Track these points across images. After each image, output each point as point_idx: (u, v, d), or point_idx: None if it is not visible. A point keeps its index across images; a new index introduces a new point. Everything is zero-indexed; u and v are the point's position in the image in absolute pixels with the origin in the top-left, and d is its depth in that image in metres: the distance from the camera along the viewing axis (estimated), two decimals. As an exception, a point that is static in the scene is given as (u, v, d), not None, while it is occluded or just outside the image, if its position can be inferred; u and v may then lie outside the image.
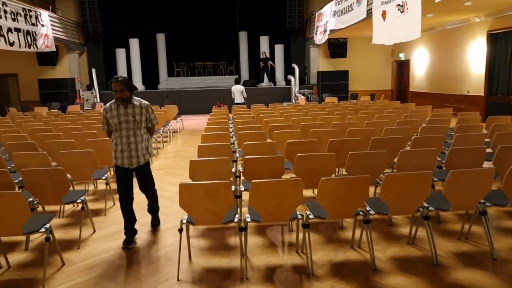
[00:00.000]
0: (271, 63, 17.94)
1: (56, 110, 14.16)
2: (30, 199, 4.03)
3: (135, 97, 4.00)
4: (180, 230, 3.42)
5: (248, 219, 3.37)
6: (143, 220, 4.65)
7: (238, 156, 5.77)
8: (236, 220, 3.37)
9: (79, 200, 4.06)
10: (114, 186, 5.59)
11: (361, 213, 3.46)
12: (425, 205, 3.51)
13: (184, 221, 3.41)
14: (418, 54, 15.84)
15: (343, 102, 11.94)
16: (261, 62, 17.92)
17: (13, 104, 16.25)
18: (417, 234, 3.91)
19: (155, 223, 4.49)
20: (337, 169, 5.17)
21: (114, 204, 5.30)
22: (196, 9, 18.57)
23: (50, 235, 3.42)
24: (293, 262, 3.58)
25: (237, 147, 6.49)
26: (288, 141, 4.89)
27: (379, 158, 4.23)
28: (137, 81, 17.86)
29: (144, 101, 4.03)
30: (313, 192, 5.15)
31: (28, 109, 14.44)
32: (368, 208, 3.52)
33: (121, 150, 3.92)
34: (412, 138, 5.43)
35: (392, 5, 9.18)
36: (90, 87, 16.29)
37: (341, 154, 4.43)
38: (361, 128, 6.26)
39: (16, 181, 4.47)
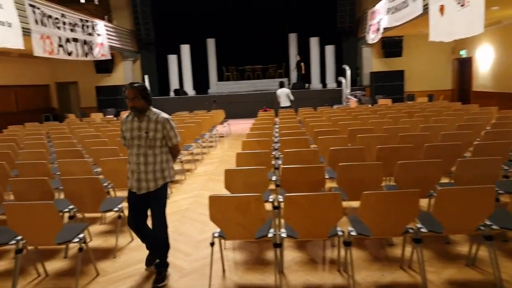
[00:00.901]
0: (302, 64, 17.54)
1: (111, 116, 14.76)
2: (71, 207, 4.06)
3: (154, 109, 3.42)
4: (212, 244, 3.25)
5: (284, 235, 3.12)
6: (181, 229, 4.54)
7: (280, 163, 5.53)
8: (270, 235, 3.13)
9: (115, 209, 4.01)
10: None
11: (410, 230, 3.08)
12: (488, 223, 3.06)
13: (216, 234, 3.23)
14: (482, 51, 14.66)
15: (397, 104, 11.30)
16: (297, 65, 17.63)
17: (74, 111, 17.17)
18: (478, 254, 3.45)
19: (158, 278, 3.38)
20: (386, 179, 4.77)
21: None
22: (246, 13, 18.57)
23: (84, 245, 3.38)
24: (333, 282, 3.27)
25: (280, 153, 6.25)
26: (331, 148, 4.57)
27: (433, 168, 3.80)
28: (188, 86, 18.17)
29: (163, 115, 3.40)
30: (360, 203, 4.77)
31: (86, 115, 15.16)
32: (419, 225, 3.14)
33: (132, 171, 3.38)
34: (474, 144, 4.89)
35: (451, -1, 8.49)
36: (143, 93, 16.74)
37: (390, 163, 4.04)
38: (415, 133, 5.78)
39: (61, 187, 4.55)
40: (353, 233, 3.10)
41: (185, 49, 18.14)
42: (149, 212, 3.50)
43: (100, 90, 16.94)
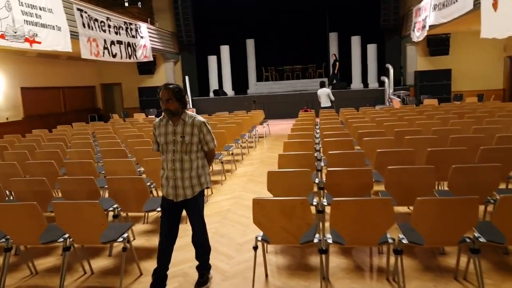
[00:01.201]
0: (337, 64, 17.29)
1: (153, 116, 15.08)
2: (115, 206, 4.13)
3: (189, 112, 3.25)
4: (255, 248, 3.17)
5: (330, 241, 2.99)
6: (222, 231, 4.51)
7: (322, 165, 5.38)
8: (316, 240, 3.01)
9: (158, 208, 4.02)
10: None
11: (467, 240, 2.87)
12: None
13: (259, 238, 3.15)
14: (537, 48, 13.80)
15: (444, 105, 10.80)
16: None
17: (117, 111, 17.72)
18: (542, 268, 3.18)
19: (201, 281, 3.35)
20: (437, 184, 4.52)
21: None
22: (285, 13, 18.46)
23: (128, 244, 3.40)
24: (382, 291, 3.11)
25: (322, 155, 6.10)
26: (378, 150, 4.38)
27: (491, 172, 3.54)
28: (227, 87, 18.29)
29: (199, 118, 3.23)
30: (408, 208, 4.55)
31: (129, 115, 15.60)
32: (476, 235, 2.92)
33: (167, 177, 3.21)
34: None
35: (505, -8, 7.99)
36: (183, 94, 17.02)
37: (442, 167, 3.81)
38: (467, 135, 5.45)
39: (106, 186, 4.64)
40: (404, 241, 2.93)
41: (225, 50, 18.26)
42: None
43: (142, 91, 17.36)
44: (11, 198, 4.79)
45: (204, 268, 3.41)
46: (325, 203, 3.80)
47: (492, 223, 2.83)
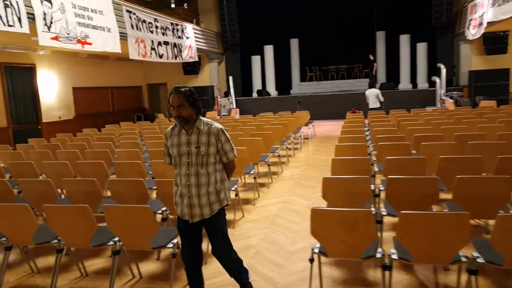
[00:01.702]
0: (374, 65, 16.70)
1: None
2: (163, 208, 4.06)
3: (204, 119, 2.83)
4: (311, 261, 2.97)
5: (395, 256, 2.74)
6: (271, 237, 4.33)
7: (376, 170, 5.08)
8: (378, 255, 2.76)
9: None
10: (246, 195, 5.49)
11: (556, 262, 2.52)
12: None
13: (316, 250, 2.94)
14: None
15: (505, 107, 10.06)
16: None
17: (163, 111, 18.04)
18: None
19: None
20: None
21: (243, 216, 5.10)
22: (330, 12, 18.05)
23: (177, 250, 3.30)
24: (451, 314, 2.81)
25: (374, 158, 5.78)
26: (441, 156, 4.04)
27: None
28: (271, 87, 18.14)
29: (216, 125, 2.81)
30: (475, 221, 4.17)
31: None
32: None
33: (181, 195, 2.80)
34: None
35: None
36: (227, 94, 17.08)
37: (516, 176, 3.43)
38: (540, 141, 4.96)
39: (154, 187, 4.61)
40: (480, 260, 2.62)
41: (269, 50, 18.13)
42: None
43: (186, 91, 17.53)
44: (63, 197, 4.86)
45: (243, 279, 3.07)
46: (384, 213, 3.54)
47: None
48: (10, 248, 3.37)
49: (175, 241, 3.26)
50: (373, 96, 10.79)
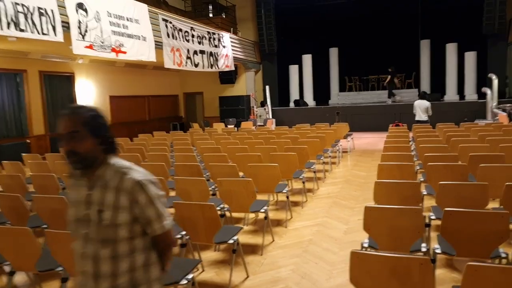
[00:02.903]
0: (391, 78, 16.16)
1: (232, 126, 14.93)
2: (222, 205, 4.35)
3: (119, 161, 1.72)
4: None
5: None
6: (304, 269, 3.83)
7: (425, 193, 4.48)
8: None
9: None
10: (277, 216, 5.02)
11: None
12: None
13: (356, 297, 2.43)
14: None
15: None
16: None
17: (198, 120, 17.94)
18: None
19: None
20: None
21: (273, 240, 4.63)
22: (371, 20, 17.37)
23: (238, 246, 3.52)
24: None
25: (422, 179, 5.17)
26: (507, 183, 3.41)
27: None
28: (308, 97, 17.62)
29: (133, 174, 1.67)
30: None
31: (209, 124, 15.63)
32: None
33: (79, 280, 1.73)
34: None
35: None
36: (263, 104, 16.73)
37: None
38: None
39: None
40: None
41: (307, 59, 17.65)
42: None
43: (223, 100, 17.37)
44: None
45: None
46: (438, 251, 2.98)
47: None
48: (14, 273, 3.09)
49: (235, 237, 2.85)
50: (423, 108, 10.03)
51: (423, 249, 3.01)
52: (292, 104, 17.43)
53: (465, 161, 5.03)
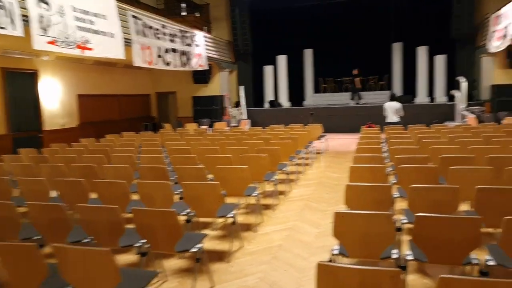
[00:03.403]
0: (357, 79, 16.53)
1: (205, 127, 14.66)
2: (188, 210, 4.11)
3: None
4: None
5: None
6: (272, 277, 3.66)
7: (397, 195, 4.39)
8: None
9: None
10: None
11: None
12: None
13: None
14: None
15: (535, 124, 9.26)
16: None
17: (171, 120, 17.57)
18: None
19: None
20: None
21: (242, 246, 4.44)
22: (345, 22, 17.47)
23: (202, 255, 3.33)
24: None
25: (394, 181, 5.11)
26: (478, 187, 3.35)
27: None
28: (283, 98, 17.55)
29: None
30: None
31: (181, 125, 15.31)
32: None
33: None
34: None
35: None
36: (237, 104, 16.54)
37: None
38: None
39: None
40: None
41: (282, 60, 17.58)
42: None
43: (196, 100, 17.07)
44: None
45: None
46: (410, 258, 2.87)
47: None
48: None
49: (199, 245, 2.83)
50: (393, 109, 10.08)
51: (394, 256, 2.90)
52: (266, 105, 17.30)
53: (436, 163, 4.99)
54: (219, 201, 3.96)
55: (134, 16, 10.22)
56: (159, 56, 11.38)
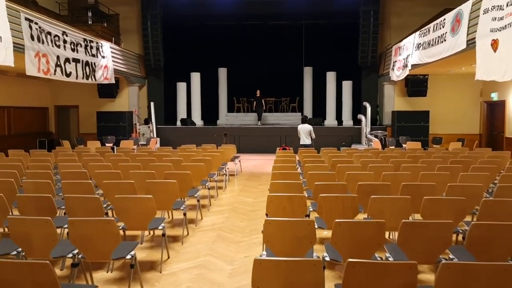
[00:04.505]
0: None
1: (110, 145, 13.48)
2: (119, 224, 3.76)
3: None
4: None
5: None
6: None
7: (316, 227, 4.10)
8: None
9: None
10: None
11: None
12: None
13: None
14: (517, 94, 13.44)
15: (434, 150, 9.90)
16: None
17: (72, 136, 15.96)
18: None
19: None
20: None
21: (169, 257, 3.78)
22: (260, 44, 17.71)
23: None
24: None
25: (311, 208, 4.87)
26: (404, 221, 3.16)
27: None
28: (196, 116, 16.99)
29: None
30: None
31: (83, 142, 13.92)
32: None
33: None
34: None
35: (509, 32, 7.29)
36: (147, 121, 15.59)
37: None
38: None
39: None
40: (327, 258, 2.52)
41: (196, 77, 17.09)
42: None
43: (101, 116, 15.71)
44: None
45: None
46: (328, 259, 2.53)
47: None
48: None
49: (133, 253, 1.91)
50: (306, 132, 10.12)
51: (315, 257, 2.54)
52: (178, 123, 16.59)
53: (353, 190, 4.85)
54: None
55: (28, 19, 8.99)
56: (58, 65, 10.17)
